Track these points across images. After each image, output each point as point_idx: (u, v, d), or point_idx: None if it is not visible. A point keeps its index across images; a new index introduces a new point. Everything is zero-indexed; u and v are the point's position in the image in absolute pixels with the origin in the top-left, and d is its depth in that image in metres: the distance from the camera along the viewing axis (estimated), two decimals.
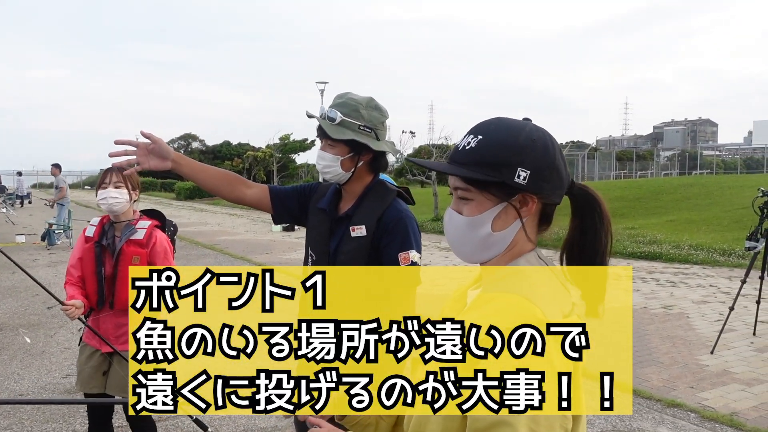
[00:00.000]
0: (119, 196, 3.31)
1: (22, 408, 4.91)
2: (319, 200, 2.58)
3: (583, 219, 1.33)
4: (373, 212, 2.41)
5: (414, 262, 2.36)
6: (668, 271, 11.51)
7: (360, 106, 2.41)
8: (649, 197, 24.13)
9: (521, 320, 1.17)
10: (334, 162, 2.40)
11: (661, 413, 4.84)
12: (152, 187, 54.17)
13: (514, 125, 1.33)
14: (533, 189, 1.29)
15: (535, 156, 1.29)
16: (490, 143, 1.30)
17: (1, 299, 9.05)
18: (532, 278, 1.27)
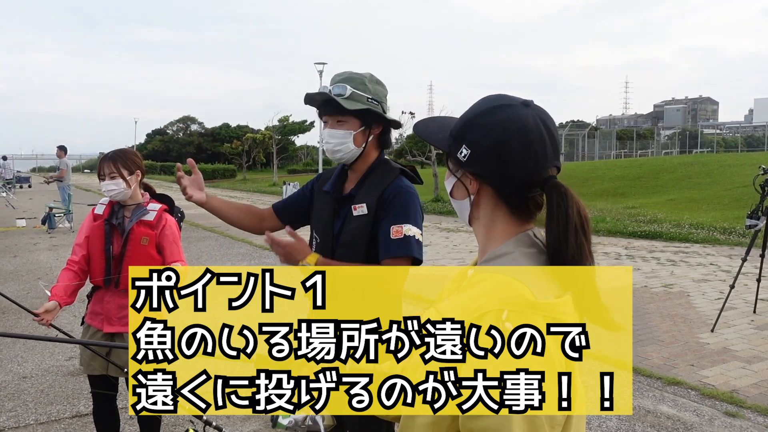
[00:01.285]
0: (115, 187, 3.30)
1: (27, 390, 4.94)
2: (324, 184, 2.57)
3: (550, 220, 1.27)
4: (375, 190, 2.38)
5: (408, 236, 2.31)
6: (669, 249, 11.53)
7: (365, 80, 2.40)
8: (649, 176, 24.10)
9: (509, 300, 1.17)
10: (347, 138, 2.38)
11: (662, 391, 4.87)
12: (152, 170, 54.11)
13: (489, 104, 1.33)
14: (469, 168, 1.32)
15: (479, 136, 1.30)
16: (463, 115, 1.36)
17: (4, 283, 9.07)
18: (522, 260, 1.26)
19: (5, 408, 4.62)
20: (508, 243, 1.31)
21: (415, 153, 24.47)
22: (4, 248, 12.45)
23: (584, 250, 1.25)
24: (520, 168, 1.27)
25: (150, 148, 65.80)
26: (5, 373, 5.32)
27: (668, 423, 4.31)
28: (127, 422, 4.19)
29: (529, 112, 1.29)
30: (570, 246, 1.24)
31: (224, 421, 4.31)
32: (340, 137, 2.38)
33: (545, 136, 1.28)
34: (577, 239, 1.25)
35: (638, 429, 4.22)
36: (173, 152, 63.76)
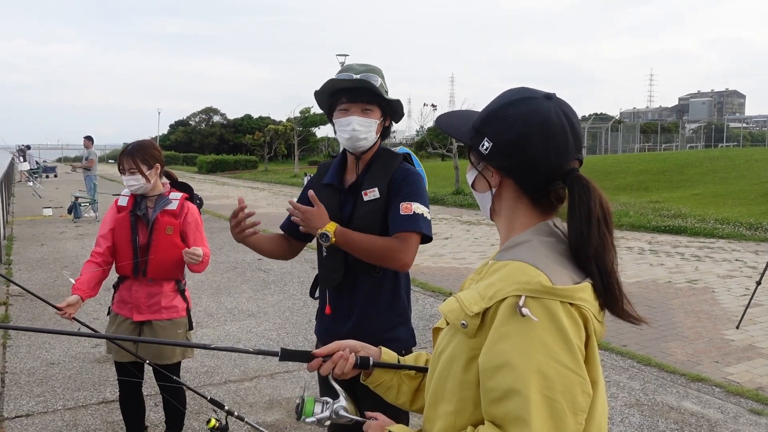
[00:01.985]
0: (135, 182, 3.35)
1: (55, 376, 5.03)
2: (322, 178, 2.58)
3: (572, 212, 1.27)
4: (384, 174, 2.43)
5: (417, 213, 2.36)
6: (693, 245, 11.39)
7: (381, 72, 2.46)
8: (674, 170, 23.79)
9: (527, 285, 1.17)
10: (373, 126, 2.41)
11: (686, 387, 4.83)
12: (175, 161, 54.58)
13: (510, 97, 1.34)
14: (491, 161, 1.33)
15: (500, 129, 1.31)
16: (485, 108, 1.37)
17: (31, 271, 9.24)
18: (540, 247, 1.26)
19: (34, 393, 4.71)
20: (527, 232, 1.31)
21: (436, 145, 24.38)
22: (31, 237, 12.66)
23: (607, 243, 1.26)
24: (542, 161, 1.27)
25: (173, 138, 66.32)
26: (34, 360, 5.42)
27: (692, 420, 4.27)
28: (152, 409, 4.25)
29: (552, 105, 1.30)
30: (593, 239, 1.24)
31: (246, 410, 4.36)
32: (368, 125, 2.39)
33: (567, 129, 1.29)
34: (600, 232, 1.25)
35: (661, 425, 4.19)
36: (196, 143, 64.24)
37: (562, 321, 1.15)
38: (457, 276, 8.78)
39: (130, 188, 3.38)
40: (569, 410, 1.13)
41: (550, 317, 1.15)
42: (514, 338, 1.15)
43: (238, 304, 7.37)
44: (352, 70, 2.41)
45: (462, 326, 1.24)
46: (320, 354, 1.54)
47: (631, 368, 5.23)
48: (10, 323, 6.50)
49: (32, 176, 27.76)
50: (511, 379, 1.14)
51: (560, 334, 1.15)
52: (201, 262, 3.33)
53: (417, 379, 1.56)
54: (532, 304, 1.16)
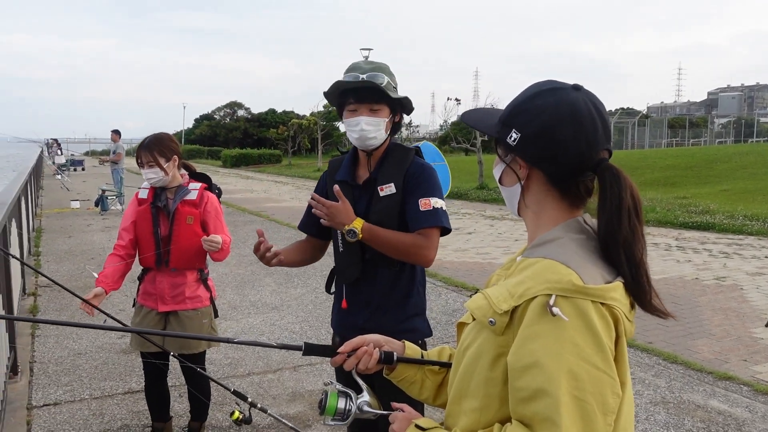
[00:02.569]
0: (154, 175, 3.39)
1: (81, 366, 5.11)
2: (335, 173, 2.59)
3: (603, 202, 1.25)
4: (398, 170, 2.45)
5: (436, 208, 2.39)
6: (721, 241, 11.20)
7: (389, 69, 2.46)
8: (702, 166, 23.42)
9: (557, 284, 1.15)
10: (381, 125, 2.43)
11: (713, 386, 4.76)
12: (199, 155, 55.06)
13: (538, 88, 1.33)
14: (520, 152, 1.31)
15: (528, 120, 1.29)
16: (512, 101, 1.36)
17: (59, 262, 9.39)
18: (571, 245, 1.24)
19: (62, 382, 4.79)
20: (557, 228, 1.29)
21: (460, 140, 24.27)
22: (59, 229, 12.87)
23: (637, 233, 1.24)
24: (571, 150, 1.26)
25: (197, 132, 66.91)
26: (62, 349, 5.51)
27: (719, 418, 4.21)
28: (176, 400, 4.30)
29: (580, 96, 1.29)
30: (623, 229, 1.23)
31: (270, 402, 4.39)
32: (376, 125, 2.41)
33: (596, 119, 1.27)
34: (630, 222, 1.23)
35: (687, 424, 4.13)
36: (220, 137, 64.73)
37: (593, 321, 1.14)
38: (480, 271, 8.74)
39: (149, 181, 3.41)
40: (599, 411, 1.11)
41: (581, 317, 1.14)
42: (544, 338, 1.14)
43: (261, 297, 7.42)
44: (359, 69, 2.43)
45: (490, 323, 1.23)
46: (344, 350, 1.53)
47: (656, 365, 5.17)
48: (38, 313, 6.62)
49: (60, 169, 28.21)
50: (541, 380, 1.12)
51: (591, 334, 1.13)
52: (221, 249, 3.36)
53: (441, 374, 1.55)
54: (562, 303, 1.14)
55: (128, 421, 4.14)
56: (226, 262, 9.10)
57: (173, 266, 3.41)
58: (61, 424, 4.10)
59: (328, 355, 1.56)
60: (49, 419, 4.18)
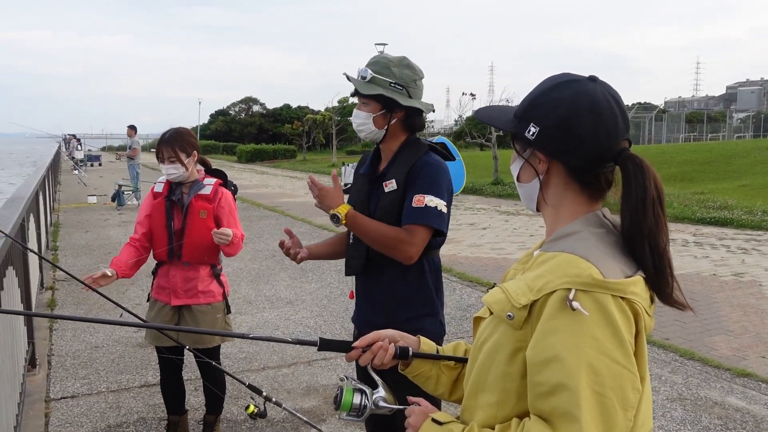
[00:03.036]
0: (175, 171, 3.41)
1: (98, 359, 5.16)
2: (361, 168, 2.66)
3: (627, 192, 1.24)
4: (404, 166, 2.44)
5: (428, 206, 2.34)
6: (740, 237, 11.08)
7: (391, 64, 2.45)
8: (720, 161, 23.17)
9: (577, 278, 1.15)
10: (367, 119, 2.46)
11: (730, 383, 4.71)
12: (215, 150, 55.31)
13: (554, 81, 1.32)
14: (539, 146, 1.30)
15: (546, 112, 1.28)
16: (527, 95, 1.35)
17: (77, 257, 9.48)
18: (590, 239, 1.23)
19: (79, 375, 4.84)
20: (576, 222, 1.28)
21: (475, 135, 24.18)
22: (76, 224, 12.99)
23: (661, 223, 1.24)
24: (591, 141, 1.25)
25: (213, 128, 67.20)
26: (79, 343, 5.57)
27: (737, 415, 4.16)
28: (192, 393, 4.33)
29: (597, 86, 1.28)
30: (648, 219, 1.22)
31: (284, 396, 4.40)
32: (362, 118, 2.47)
33: (615, 109, 1.27)
34: (655, 212, 1.23)
35: (704, 420, 4.09)
36: (235, 132, 64.98)
37: (613, 315, 1.13)
38: (495, 267, 8.71)
39: (169, 176, 3.43)
40: (619, 406, 1.11)
41: (601, 311, 1.13)
42: (563, 332, 1.13)
43: (276, 292, 7.44)
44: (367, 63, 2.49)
45: (508, 318, 1.22)
46: (359, 345, 1.53)
47: (673, 362, 5.12)
48: (56, 307, 6.69)
49: (78, 165, 28.49)
50: (561, 374, 1.11)
51: (611, 329, 1.12)
52: (232, 244, 3.38)
53: (456, 369, 1.55)
54: (582, 297, 1.13)
55: (144, 414, 4.17)
56: (240, 257, 9.16)
57: (186, 260, 3.43)
58: (79, 417, 4.14)
59: (343, 350, 1.55)
60: (66, 412, 4.22)
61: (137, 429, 3.98)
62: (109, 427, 4.01)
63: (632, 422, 1.13)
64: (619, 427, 1.10)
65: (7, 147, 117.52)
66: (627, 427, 1.12)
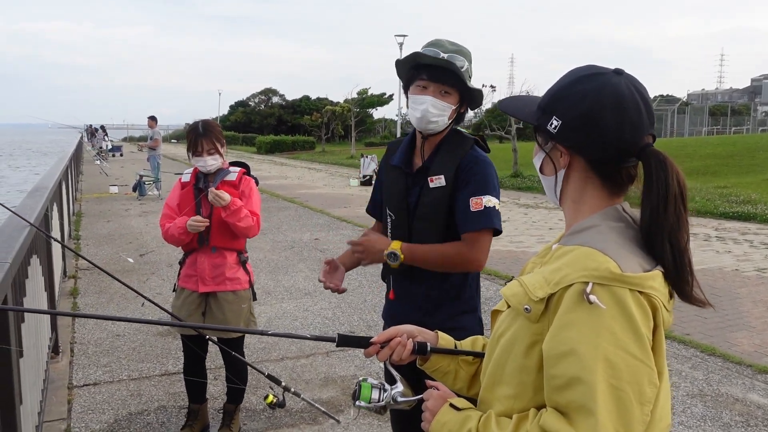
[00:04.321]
0: (214, 162, 3.51)
1: (120, 347, 5.22)
2: (391, 157, 2.51)
3: (648, 188, 1.23)
4: (451, 161, 2.32)
5: (488, 208, 2.26)
6: (763, 232, 10.92)
7: (470, 55, 2.34)
8: (744, 154, 22.81)
9: (595, 272, 1.14)
10: (447, 111, 2.30)
11: (752, 379, 4.65)
12: (234, 141, 55.59)
13: (578, 73, 1.30)
14: (561, 139, 1.29)
15: (569, 105, 1.27)
16: (551, 88, 1.34)
17: (99, 246, 9.59)
18: (609, 233, 1.22)
19: (101, 363, 4.91)
20: (595, 216, 1.28)
21: (495, 127, 24.06)
22: (98, 213, 13.14)
23: (682, 220, 1.23)
24: (615, 135, 1.24)
25: (233, 119, 67.56)
26: (101, 331, 5.64)
27: (758, 413, 4.12)
28: (211, 382, 4.37)
29: (622, 80, 1.27)
30: (669, 216, 1.21)
31: (303, 386, 4.43)
32: (442, 108, 2.28)
33: (640, 103, 1.25)
34: (676, 209, 1.22)
35: (725, 417, 4.05)
36: (255, 123, 65.27)
37: (631, 309, 1.12)
38: (513, 259, 8.67)
39: (209, 167, 3.49)
40: (636, 400, 1.10)
41: (618, 305, 1.12)
42: (580, 326, 1.13)
43: (294, 283, 7.48)
44: (440, 46, 2.29)
45: (525, 311, 1.22)
46: (378, 341, 1.53)
47: (694, 357, 5.08)
48: (78, 295, 6.77)
49: (100, 155, 28.82)
50: (577, 367, 1.11)
51: (629, 323, 1.12)
52: (250, 226, 3.45)
53: (474, 364, 1.54)
54: (600, 291, 1.13)
55: (165, 402, 4.22)
56: (260, 247, 9.23)
57: (213, 244, 3.48)
58: (100, 404, 4.21)
59: (362, 346, 1.55)
60: (88, 398, 4.29)
61: (158, 417, 4.03)
62: (131, 414, 4.07)
63: (649, 417, 1.13)
64: (635, 421, 1.10)
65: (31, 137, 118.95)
66: (644, 421, 1.11)
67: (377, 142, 47.75)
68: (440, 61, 2.25)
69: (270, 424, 3.92)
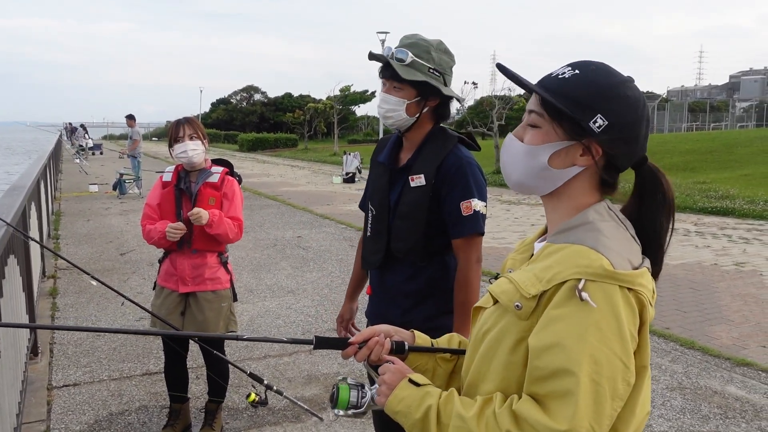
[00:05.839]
0: (197, 148, 3.44)
1: (100, 347, 5.17)
2: (379, 154, 2.52)
3: (642, 199, 1.31)
4: (432, 160, 2.31)
5: (476, 212, 2.26)
6: (741, 227, 11.07)
7: (431, 48, 2.30)
8: (722, 150, 23.11)
9: (587, 269, 1.16)
10: (399, 106, 2.29)
11: (730, 372, 4.72)
12: (216, 139, 55.24)
13: (615, 75, 1.31)
14: (603, 140, 1.26)
15: (620, 110, 1.26)
16: (584, 80, 1.28)
17: (78, 245, 9.49)
18: (600, 230, 1.24)
19: (81, 363, 4.86)
20: (584, 214, 1.29)
21: (477, 124, 24.11)
22: (78, 212, 13.00)
23: (671, 229, 1.32)
24: (643, 146, 1.30)
25: (214, 116, 67.13)
26: (81, 331, 5.58)
27: (736, 404, 4.17)
28: (193, 381, 4.34)
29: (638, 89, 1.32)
30: (663, 227, 1.30)
31: (285, 385, 4.42)
32: (394, 104, 2.30)
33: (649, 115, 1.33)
34: (669, 221, 1.31)
35: (704, 409, 4.11)
36: (237, 121, 64.90)
37: (618, 307, 1.15)
38: (496, 256, 8.71)
39: (189, 156, 3.42)
40: (609, 396, 1.13)
41: (608, 302, 1.15)
42: (569, 320, 1.15)
43: (277, 281, 7.46)
44: (400, 41, 2.31)
45: (516, 307, 1.23)
46: (355, 341, 1.52)
47: (673, 351, 5.13)
48: (58, 295, 6.70)
49: (79, 153, 28.50)
50: (562, 359, 1.13)
51: (615, 321, 1.14)
52: (233, 233, 3.42)
53: (452, 362, 1.55)
54: (591, 287, 1.15)
55: (146, 402, 4.19)
56: (242, 245, 9.17)
57: (195, 247, 3.46)
58: (81, 405, 4.16)
59: (339, 347, 1.53)
60: (68, 399, 4.24)
61: (139, 417, 4.00)
62: (111, 415, 4.03)
63: (617, 412, 1.16)
64: (605, 416, 1.13)
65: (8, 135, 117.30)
66: (612, 416, 1.15)
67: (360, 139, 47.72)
68: (380, 57, 2.29)
69: (252, 423, 3.91)
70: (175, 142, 3.44)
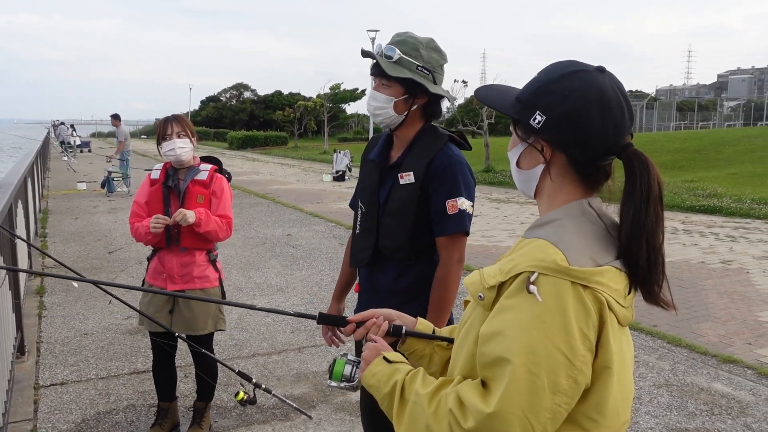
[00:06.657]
0: (185, 145, 3.42)
1: (88, 346, 5.15)
2: (370, 152, 2.53)
3: (631, 189, 1.25)
4: (422, 158, 2.32)
5: (462, 210, 2.27)
6: (728, 225, 11.16)
7: (420, 45, 2.30)
8: (710, 149, 23.28)
9: (542, 263, 1.17)
10: (387, 103, 2.30)
11: (717, 369, 4.76)
12: (206, 137, 55.03)
13: (563, 69, 1.30)
14: (545, 136, 1.28)
15: (555, 102, 1.26)
16: (533, 80, 1.33)
17: (66, 243, 9.43)
18: (564, 226, 1.24)
19: (68, 362, 4.83)
20: (557, 210, 1.30)
21: (467, 122, 24.16)
22: (66, 210, 12.92)
23: (660, 220, 1.26)
24: (599, 135, 1.25)
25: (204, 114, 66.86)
26: (68, 330, 5.55)
27: (722, 401, 4.21)
28: (182, 380, 4.33)
29: (606, 79, 1.28)
30: (650, 216, 1.24)
31: (274, 383, 4.42)
32: (381, 101, 2.31)
33: (623, 103, 1.27)
34: (656, 209, 1.25)
35: (691, 406, 4.14)
36: (226, 119, 64.68)
37: (565, 303, 1.14)
38: (485, 254, 8.73)
39: (178, 153, 3.41)
40: (549, 389, 1.14)
41: (555, 297, 1.15)
42: (516, 311, 1.17)
43: (266, 279, 7.44)
44: (391, 39, 2.32)
45: (479, 298, 1.26)
46: (354, 320, 1.64)
47: (660, 348, 5.17)
48: (45, 294, 6.66)
49: (67, 151, 28.30)
50: (502, 348, 1.16)
51: (561, 316, 1.14)
52: (222, 231, 3.41)
53: (449, 350, 1.59)
54: (542, 281, 1.16)
55: (134, 401, 4.17)
56: (231, 243, 9.15)
57: (183, 245, 3.44)
58: (68, 404, 4.14)
59: (340, 324, 1.67)
60: (56, 399, 4.22)
61: (127, 416, 3.98)
62: (99, 414, 4.01)
63: (563, 407, 1.15)
64: (543, 408, 1.13)
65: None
66: (554, 411, 1.14)
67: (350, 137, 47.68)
68: (368, 54, 2.32)
69: (241, 422, 3.90)
70: (164, 139, 3.42)
